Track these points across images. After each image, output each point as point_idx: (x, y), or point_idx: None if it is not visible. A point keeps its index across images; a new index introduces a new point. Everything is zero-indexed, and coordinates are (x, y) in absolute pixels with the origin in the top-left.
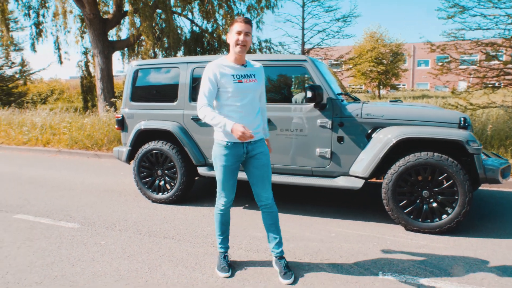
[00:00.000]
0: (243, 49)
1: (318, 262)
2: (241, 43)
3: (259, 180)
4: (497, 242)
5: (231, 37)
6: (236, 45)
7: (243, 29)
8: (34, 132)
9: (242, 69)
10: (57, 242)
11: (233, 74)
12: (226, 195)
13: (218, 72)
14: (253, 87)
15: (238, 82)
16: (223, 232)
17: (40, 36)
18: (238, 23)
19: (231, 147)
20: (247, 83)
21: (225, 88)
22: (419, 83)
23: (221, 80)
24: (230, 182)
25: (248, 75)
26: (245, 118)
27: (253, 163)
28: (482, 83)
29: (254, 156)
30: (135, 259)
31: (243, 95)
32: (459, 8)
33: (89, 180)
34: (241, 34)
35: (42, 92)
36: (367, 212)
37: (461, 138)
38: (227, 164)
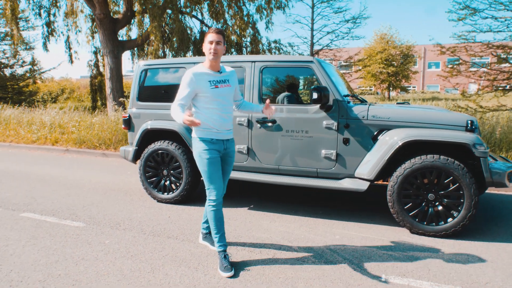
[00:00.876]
0: (216, 57)
1: (322, 264)
2: (213, 51)
3: (226, 175)
4: (502, 246)
5: (205, 46)
6: (209, 53)
7: (214, 39)
8: (43, 131)
9: (217, 75)
10: (61, 241)
11: (210, 80)
12: (216, 188)
13: (195, 78)
14: (228, 92)
15: (214, 87)
16: (219, 230)
17: (52, 35)
18: (211, 33)
19: (215, 143)
20: (223, 88)
21: (203, 93)
22: (430, 85)
23: (198, 86)
24: (217, 173)
25: (223, 81)
26: (223, 119)
27: (226, 160)
28: (492, 86)
29: (228, 153)
30: (139, 258)
31: (220, 98)
32: (470, 10)
33: (96, 179)
34: (213, 44)
35: (52, 91)
36: (372, 214)
37: (468, 141)
38: (213, 156)
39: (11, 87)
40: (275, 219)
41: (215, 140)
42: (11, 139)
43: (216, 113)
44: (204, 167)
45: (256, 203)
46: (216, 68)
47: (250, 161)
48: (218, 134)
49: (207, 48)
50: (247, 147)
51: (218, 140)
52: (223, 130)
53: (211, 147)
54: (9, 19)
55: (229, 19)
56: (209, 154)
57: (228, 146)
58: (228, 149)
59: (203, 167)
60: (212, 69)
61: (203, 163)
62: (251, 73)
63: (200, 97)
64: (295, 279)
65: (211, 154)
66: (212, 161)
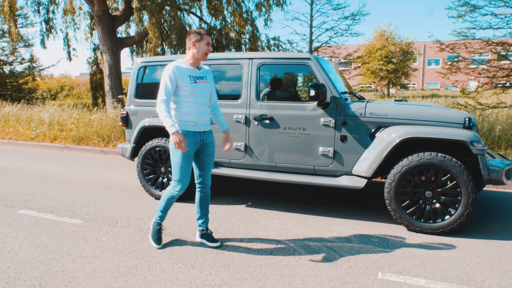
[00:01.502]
0: (206, 57)
1: (318, 262)
2: (208, 52)
3: (207, 165)
4: (499, 244)
5: (201, 47)
6: (205, 54)
7: (210, 41)
8: (41, 128)
9: (197, 71)
10: (59, 238)
11: (190, 75)
12: (184, 182)
13: (178, 72)
14: (205, 87)
15: (194, 82)
16: (166, 209)
17: (50, 32)
18: (207, 35)
19: (192, 135)
20: (201, 83)
21: (183, 86)
22: (429, 82)
23: (180, 80)
24: (189, 168)
25: (201, 77)
26: (201, 113)
27: (205, 150)
28: (492, 83)
29: (207, 144)
30: (135, 255)
31: (198, 93)
32: (469, 7)
33: (94, 176)
34: (209, 45)
35: (52, 88)
36: (369, 211)
37: (465, 139)
38: (188, 150)
39: (10, 84)
40: (272, 216)
41: (191, 132)
42: (10, 136)
43: (193, 106)
44: (178, 159)
45: (253, 200)
46: (196, 65)
47: (248, 158)
48: (195, 126)
49: (204, 49)
50: (244, 144)
51: (194, 133)
52: (200, 122)
53: (188, 140)
54: (7, 15)
55: (228, 16)
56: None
57: (205, 137)
58: (205, 140)
59: (176, 159)
60: (193, 65)
61: (177, 156)
62: (248, 70)
63: (180, 90)
64: (292, 277)
65: (188, 147)
66: (186, 154)
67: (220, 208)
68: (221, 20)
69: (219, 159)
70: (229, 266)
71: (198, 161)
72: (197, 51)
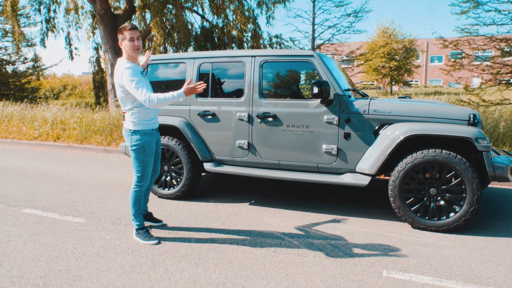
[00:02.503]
0: (139, 51)
1: (322, 259)
2: (137, 47)
3: (158, 157)
4: (504, 241)
5: (126, 44)
6: (135, 50)
7: (135, 35)
8: (45, 127)
9: (140, 68)
10: (63, 237)
11: (141, 71)
12: (147, 175)
13: (137, 70)
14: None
15: (144, 77)
16: (140, 213)
17: (52, 31)
18: (129, 30)
19: (154, 134)
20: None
21: None
22: (432, 80)
23: None
24: (151, 163)
25: (142, 72)
26: (155, 109)
27: (158, 144)
28: (495, 80)
29: (158, 139)
30: (139, 254)
31: (147, 86)
32: (472, 3)
33: (98, 175)
34: (134, 40)
35: (54, 88)
36: (373, 209)
37: (470, 135)
38: (152, 148)
39: (13, 83)
40: (276, 214)
41: (154, 130)
42: (13, 135)
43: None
44: (145, 157)
45: (257, 198)
46: (137, 61)
47: (251, 156)
48: (154, 124)
49: (130, 45)
50: (247, 142)
51: (153, 130)
52: (156, 119)
53: (151, 139)
54: (9, 15)
55: (230, 14)
56: (151, 146)
57: (157, 134)
58: (157, 136)
59: (144, 157)
60: (135, 62)
61: (145, 154)
62: (251, 68)
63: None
64: (296, 275)
65: (151, 146)
66: (150, 153)
67: (224, 207)
68: (223, 18)
69: (222, 157)
70: (233, 264)
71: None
72: (127, 49)
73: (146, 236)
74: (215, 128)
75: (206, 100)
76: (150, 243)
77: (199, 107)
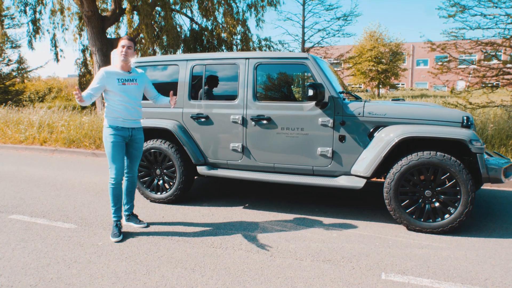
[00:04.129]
0: (126, 58)
1: (320, 263)
2: (124, 53)
3: (134, 159)
4: (499, 242)
5: (118, 50)
6: (121, 55)
7: (126, 44)
8: (31, 130)
9: (126, 74)
10: (53, 243)
11: (118, 78)
12: (116, 168)
13: (106, 76)
14: (134, 89)
15: (122, 84)
16: (116, 203)
17: (37, 33)
18: (123, 39)
19: (120, 130)
20: (130, 85)
21: (112, 88)
22: (418, 83)
23: (108, 82)
24: (119, 156)
25: (131, 80)
26: (128, 110)
27: (133, 145)
28: (481, 83)
29: (135, 140)
30: (133, 260)
31: (126, 94)
32: (459, 7)
33: (86, 179)
34: (124, 47)
35: (39, 90)
36: (369, 211)
37: (464, 137)
38: (116, 141)
39: None
40: (271, 218)
41: (120, 127)
42: None
43: (122, 104)
44: (109, 149)
45: (251, 202)
46: (126, 68)
47: (245, 159)
48: (124, 122)
49: (119, 51)
50: (241, 145)
51: (123, 128)
52: (129, 119)
53: (116, 133)
54: None
55: (219, 17)
56: (114, 138)
57: (134, 133)
58: (134, 136)
59: (108, 149)
60: (122, 69)
61: (108, 146)
62: (245, 70)
63: (109, 91)
64: (295, 279)
65: (115, 138)
66: (116, 144)
67: (218, 211)
68: (212, 21)
69: (216, 160)
70: (230, 270)
71: (128, 154)
72: (118, 55)
73: (112, 231)
74: (208, 131)
75: (199, 103)
76: (113, 239)
77: (192, 109)
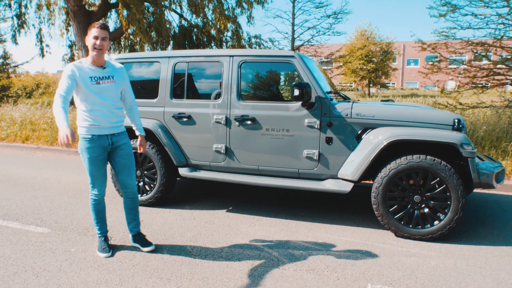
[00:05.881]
0: (100, 53)
1: (303, 273)
2: (98, 47)
3: (125, 169)
4: (489, 250)
5: (89, 41)
6: (94, 49)
7: (99, 34)
8: (13, 127)
9: (100, 71)
10: (23, 250)
11: (91, 76)
12: (97, 186)
13: (77, 72)
14: (111, 88)
15: (96, 83)
16: (100, 220)
17: (22, 27)
18: (95, 28)
19: (96, 140)
20: (105, 84)
21: (84, 88)
22: (409, 82)
23: (79, 80)
24: (99, 172)
25: (106, 77)
26: (106, 115)
27: (118, 153)
28: (471, 83)
29: (119, 146)
30: (106, 269)
31: (101, 94)
32: (450, 6)
33: (66, 179)
34: (98, 39)
35: (27, 86)
36: (356, 216)
37: (455, 141)
38: (93, 156)
39: None
40: (254, 222)
41: (95, 137)
42: None
43: (97, 109)
44: (86, 165)
45: (235, 205)
46: (100, 63)
47: (229, 161)
48: (100, 129)
49: (91, 43)
50: (225, 146)
51: (100, 136)
52: (107, 125)
53: (91, 145)
54: None
55: (209, 13)
56: (89, 153)
57: (116, 140)
58: (117, 143)
59: (85, 164)
60: (95, 64)
61: (85, 162)
62: (229, 68)
63: (81, 92)
64: None
65: (90, 153)
66: (92, 160)
67: (200, 214)
68: (202, 17)
69: (199, 162)
70: (208, 280)
71: (114, 166)
72: (89, 47)
73: (100, 246)
74: (190, 131)
75: (182, 102)
76: (101, 255)
77: (174, 109)
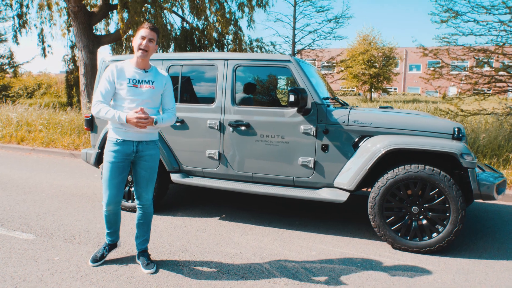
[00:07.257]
0: (145, 54)
1: (294, 287)
2: (143, 47)
3: (143, 182)
4: (489, 264)
5: (135, 41)
6: (139, 49)
7: (147, 35)
8: (9, 128)
9: (141, 73)
10: (4, 258)
11: (130, 78)
12: (110, 195)
13: (116, 74)
14: (147, 92)
15: (133, 86)
16: (109, 228)
17: (24, 27)
18: (144, 29)
19: (121, 144)
20: (142, 88)
21: (120, 89)
22: (410, 87)
23: (117, 82)
24: (115, 180)
25: (146, 81)
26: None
27: (140, 164)
28: (473, 90)
29: (143, 157)
30: (89, 279)
31: (136, 98)
32: (452, 13)
33: (59, 182)
34: (145, 39)
35: (28, 86)
36: (351, 226)
37: (455, 151)
38: (115, 161)
39: None
40: (247, 231)
41: (121, 141)
42: None
43: (128, 111)
44: (105, 168)
45: (228, 212)
46: (144, 66)
47: (222, 167)
48: (126, 133)
49: (137, 43)
50: (218, 152)
51: (125, 141)
52: (134, 130)
53: (116, 149)
54: None
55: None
56: (112, 157)
57: (142, 148)
58: (141, 152)
59: (104, 168)
60: (138, 66)
61: (106, 164)
62: (223, 72)
63: (117, 92)
64: None
65: (113, 158)
66: (113, 166)
67: (191, 221)
68: (203, 20)
69: (191, 168)
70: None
71: (134, 176)
72: (134, 48)
73: (96, 252)
74: (183, 136)
75: None
76: (90, 264)
77: None
